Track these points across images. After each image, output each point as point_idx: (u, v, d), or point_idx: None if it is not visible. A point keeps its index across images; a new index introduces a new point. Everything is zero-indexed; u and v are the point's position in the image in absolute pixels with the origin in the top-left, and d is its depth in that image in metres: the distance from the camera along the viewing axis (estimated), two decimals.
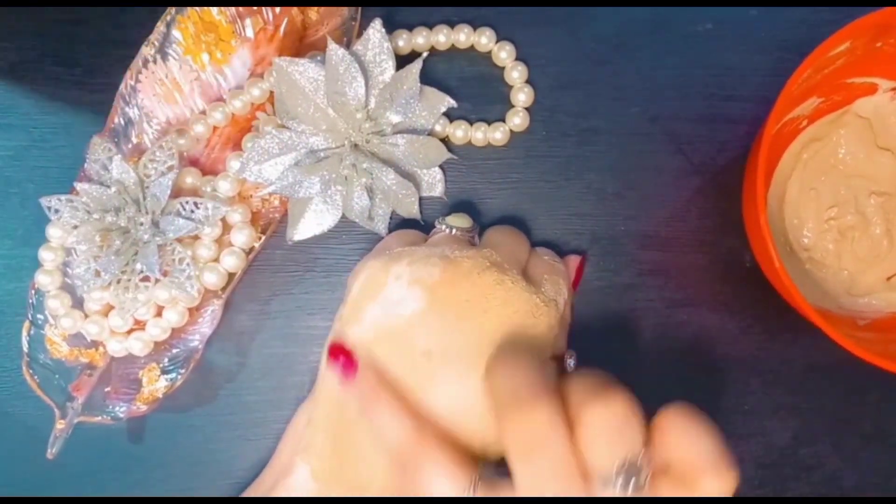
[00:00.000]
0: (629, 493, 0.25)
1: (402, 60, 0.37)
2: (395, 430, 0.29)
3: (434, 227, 0.36)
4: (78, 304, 0.36)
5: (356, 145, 0.36)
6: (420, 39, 0.38)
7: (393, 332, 0.31)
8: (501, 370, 0.28)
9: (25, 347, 0.36)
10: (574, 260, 0.37)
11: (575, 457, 0.26)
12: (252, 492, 0.35)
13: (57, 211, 0.35)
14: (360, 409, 0.30)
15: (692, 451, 0.26)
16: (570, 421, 0.26)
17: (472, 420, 0.30)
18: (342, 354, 0.30)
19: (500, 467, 0.28)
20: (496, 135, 0.38)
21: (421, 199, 0.38)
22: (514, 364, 0.28)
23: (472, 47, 0.39)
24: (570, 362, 0.34)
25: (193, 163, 0.37)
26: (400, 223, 0.38)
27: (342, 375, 0.30)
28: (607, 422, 0.26)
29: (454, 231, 0.35)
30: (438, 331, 0.30)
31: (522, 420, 0.26)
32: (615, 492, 0.25)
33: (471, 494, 0.27)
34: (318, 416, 0.32)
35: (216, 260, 0.36)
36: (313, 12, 0.38)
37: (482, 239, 0.36)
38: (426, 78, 0.37)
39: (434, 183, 0.38)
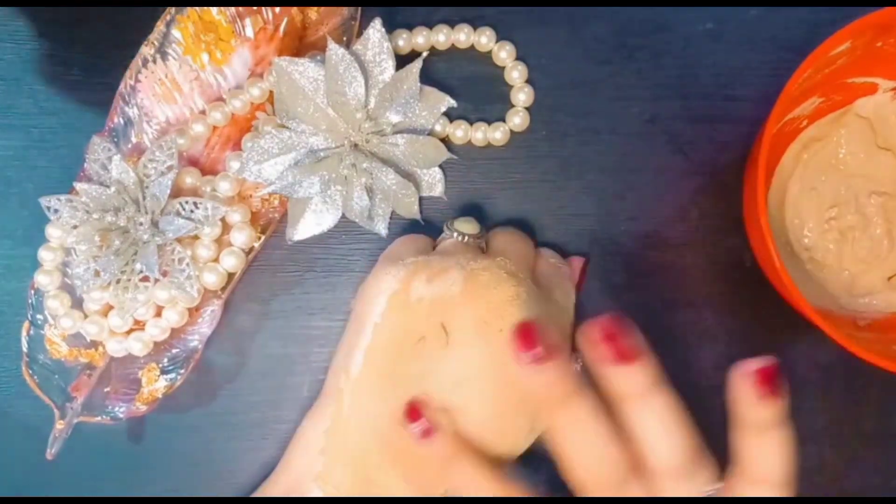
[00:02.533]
0: None
1: (402, 60, 0.37)
2: (481, 488, 0.29)
3: (443, 231, 0.36)
4: (77, 304, 0.36)
5: (356, 145, 0.36)
6: (420, 39, 0.38)
7: (423, 356, 0.31)
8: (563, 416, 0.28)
9: (25, 348, 0.36)
10: (577, 261, 0.37)
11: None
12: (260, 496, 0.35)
13: (56, 211, 0.35)
14: (441, 466, 0.30)
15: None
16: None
17: (508, 432, 0.31)
18: (420, 416, 0.30)
19: None
20: (496, 135, 0.38)
21: (421, 199, 0.38)
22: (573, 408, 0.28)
23: (472, 47, 0.39)
24: (577, 366, 0.34)
25: (193, 163, 0.37)
26: (400, 223, 0.38)
27: (422, 436, 0.30)
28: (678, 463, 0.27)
29: (465, 238, 0.35)
30: (461, 354, 0.31)
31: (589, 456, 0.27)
32: None
33: None
34: (336, 448, 0.32)
35: (216, 260, 0.36)
36: (313, 12, 0.38)
37: (490, 244, 0.36)
38: (426, 78, 0.37)
39: (434, 183, 0.38)
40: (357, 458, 0.32)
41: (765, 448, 0.27)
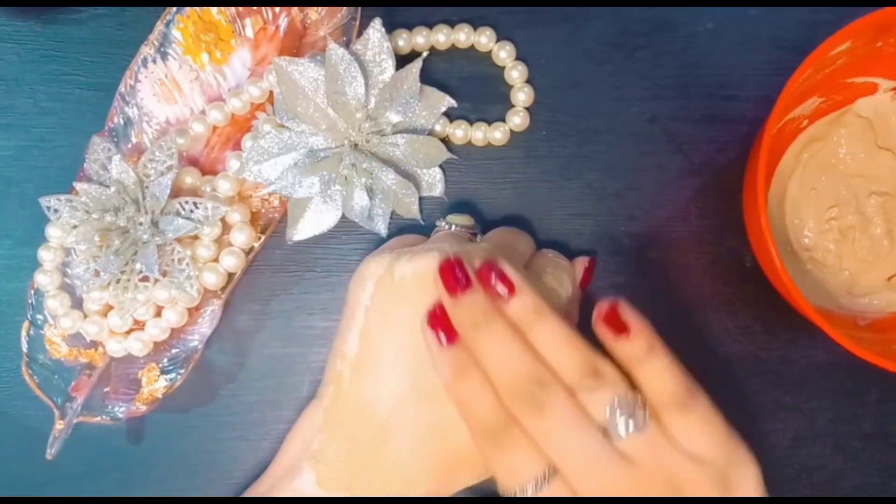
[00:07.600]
0: (632, 433, 0.28)
1: (402, 60, 0.37)
2: (484, 405, 0.30)
3: (435, 226, 0.36)
4: (77, 304, 0.36)
5: (356, 145, 0.36)
6: (420, 39, 0.38)
7: (411, 326, 0.31)
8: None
9: (25, 348, 0.36)
10: (581, 261, 0.37)
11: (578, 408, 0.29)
12: (253, 490, 0.35)
13: (56, 211, 0.35)
14: (450, 376, 0.30)
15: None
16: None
17: None
18: (445, 320, 0.30)
19: None
20: (496, 135, 0.38)
21: (421, 199, 0.38)
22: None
23: (472, 47, 0.39)
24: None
25: (193, 162, 0.37)
26: (400, 223, 0.38)
27: (445, 340, 0.30)
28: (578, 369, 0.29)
29: (454, 227, 0.35)
30: None
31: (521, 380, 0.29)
32: (622, 435, 0.28)
33: (546, 476, 0.29)
34: (334, 426, 0.32)
35: (216, 260, 0.36)
36: (313, 12, 0.38)
37: (484, 237, 0.36)
38: (426, 78, 0.37)
39: (434, 183, 0.38)
40: (354, 439, 0.32)
41: (648, 376, 0.29)
